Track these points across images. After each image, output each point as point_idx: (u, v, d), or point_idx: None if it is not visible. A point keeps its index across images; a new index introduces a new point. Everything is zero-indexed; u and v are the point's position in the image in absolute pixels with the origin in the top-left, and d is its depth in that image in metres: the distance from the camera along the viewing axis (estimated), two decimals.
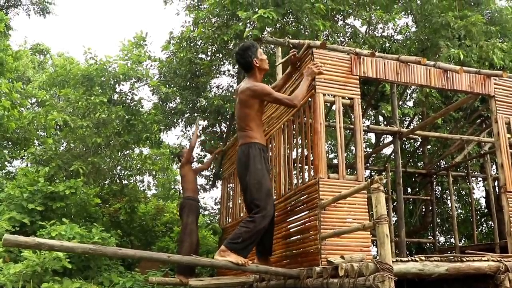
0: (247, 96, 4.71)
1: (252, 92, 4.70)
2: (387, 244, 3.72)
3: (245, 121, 4.72)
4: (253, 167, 4.56)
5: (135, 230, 11.62)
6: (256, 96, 4.74)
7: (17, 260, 7.48)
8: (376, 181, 3.85)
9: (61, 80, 10.87)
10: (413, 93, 12.87)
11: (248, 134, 4.65)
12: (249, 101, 4.71)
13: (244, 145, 4.62)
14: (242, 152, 4.64)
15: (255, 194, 4.55)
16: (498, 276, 4.39)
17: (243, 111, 4.74)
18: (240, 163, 4.65)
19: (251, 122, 4.71)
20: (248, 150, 4.57)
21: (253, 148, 4.58)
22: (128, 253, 4.54)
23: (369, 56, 5.91)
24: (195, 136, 9.17)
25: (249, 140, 4.63)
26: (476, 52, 9.68)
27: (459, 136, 10.28)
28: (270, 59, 10.86)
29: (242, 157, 4.62)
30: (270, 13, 8.65)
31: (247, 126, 4.69)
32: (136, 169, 12.34)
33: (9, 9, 18.25)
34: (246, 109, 4.71)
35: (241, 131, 4.75)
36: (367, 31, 11.86)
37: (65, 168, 9.79)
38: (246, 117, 4.72)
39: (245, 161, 4.59)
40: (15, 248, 7.72)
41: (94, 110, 10.13)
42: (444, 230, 15.79)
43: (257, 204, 4.56)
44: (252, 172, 4.56)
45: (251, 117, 4.75)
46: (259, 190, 4.56)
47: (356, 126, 5.64)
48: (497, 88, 6.46)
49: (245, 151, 4.62)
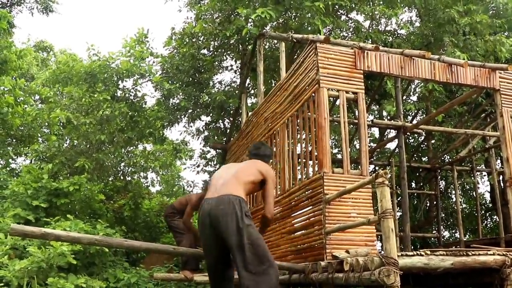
0: (260, 172, 4.23)
1: (267, 173, 4.26)
2: (392, 239, 3.70)
3: (246, 179, 4.11)
4: (250, 223, 3.85)
5: (139, 226, 11.64)
6: (265, 178, 4.26)
7: (22, 257, 7.50)
8: (381, 175, 3.83)
9: (64, 77, 10.88)
10: (417, 87, 12.82)
11: (239, 190, 3.97)
12: (258, 177, 4.22)
13: (234, 196, 3.86)
14: (230, 202, 3.84)
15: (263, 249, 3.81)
16: (504, 270, 4.37)
17: (251, 174, 4.17)
18: (227, 214, 3.78)
19: (247, 186, 4.12)
20: (241, 204, 3.84)
21: (245, 204, 3.94)
22: (134, 245, 4.55)
23: (373, 50, 5.87)
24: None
25: (239, 194, 3.93)
26: (482, 47, 9.62)
27: (464, 130, 10.23)
28: (273, 54, 10.88)
29: (234, 210, 3.80)
30: (268, 12, 8.66)
31: (244, 184, 4.07)
32: (140, 165, 12.36)
33: (13, 7, 18.25)
34: (253, 177, 4.17)
35: (235, 183, 4.01)
36: (370, 26, 11.81)
37: (68, 165, 9.82)
38: (249, 181, 4.13)
39: (240, 215, 3.78)
40: (20, 245, 7.75)
41: (98, 107, 10.14)
42: (448, 224, 15.75)
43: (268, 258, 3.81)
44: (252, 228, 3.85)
45: (253, 186, 4.24)
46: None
47: (360, 120, 5.61)
48: (502, 81, 6.41)
49: (235, 202, 3.84)
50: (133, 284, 7.76)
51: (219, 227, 3.72)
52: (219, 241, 3.80)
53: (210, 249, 3.91)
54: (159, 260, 9.20)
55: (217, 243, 3.83)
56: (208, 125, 12.51)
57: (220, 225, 3.71)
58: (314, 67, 5.63)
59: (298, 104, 6.10)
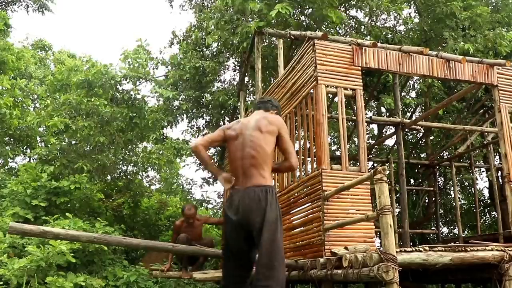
0: (274, 130, 3.73)
1: (278, 127, 3.76)
2: (391, 235, 3.71)
3: (266, 151, 3.66)
4: (276, 218, 3.56)
5: (138, 224, 11.64)
6: (278, 131, 3.76)
7: (21, 255, 7.49)
8: (379, 171, 3.83)
9: (63, 84, 10.89)
10: (416, 83, 12.82)
11: (264, 174, 3.64)
12: (273, 136, 3.73)
13: (260, 187, 3.56)
14: (257, 197, 3.53)
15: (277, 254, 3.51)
16: (502, 265, 4.38)
17: (265, 146, 3.68)
18: (253, 210, 3.51)
19: (269, 159, 3.69)
20: (266, 196, 3.56)
21: (272, 194, 3.60)
22: (132, 242, 4.56)
23: (371, 46, 5.87)
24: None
25: (264, 182, 3.61)
26: (481, 42, 9.61)
27: (462, 126, 10.24)
28: (272, 51, 10.85)
29: (258, 203, 3.52)
30: (287, 8, 8.53)
31: (266, 161, 3.66)
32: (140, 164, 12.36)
33: (8, 6, 18.20)
34: (268, 146, 3.68)
35: (258, 166, 3.63)
36: (369, 22, 11.78)
37: (70, 167, 9.84)
38: (267, 154, 3.67)
39: (264, 207, 3.51)
40: (19, 243, 7.75)
41: (97, 111, 10.18)
42: (447, 221, 15.78)
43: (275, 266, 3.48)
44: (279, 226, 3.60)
45: (273, 149, 3.77)
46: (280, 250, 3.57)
47: (359, 117, 5.62)
48: (500, 77, 6.42)
49: (261, 195, 3.54)
50: (132, 282, 7.76)
51: (249, 221, 3.54)
52: (248, 233, 3.60)
53: (239, 241, 3.64)
54: (159, 258, 9.20)
55: (245, 234, 3.61)
56: (209, 123, 12.49)
57: (250, 218, 3.53)
58: (312, 63, 5.62)
59: (296, 101, 6.10)
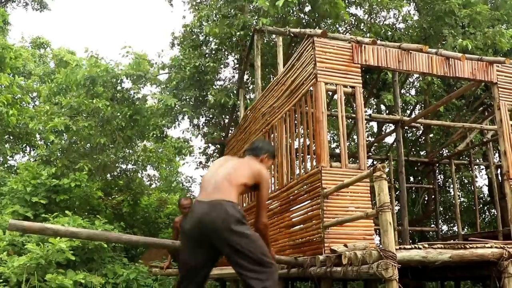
0: (253, 175, 3.86)
1: (261, 177, 3.89)
2: (391, 232, 3.71)
3: (239, 181, 3.75)
4: (245, 229, 3.54)
5: (138, 222, 11.67)
6: (258, 182, 3.89)
7: (20, 253, 7.51)
8: (379, 168, 3.83)
9: (64, 86, 10.91)
10: (415, 81, 12.81)
11: (233, 194, 3.66)
12: (253, 180, 3.86)
13: (227, 202, 3.55)
14: (219, 205, 3.52)
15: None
16: (502, 263, 4.38)
17: (244, 176, 3.80)
18: (216, 218, 3.47)
19: (240, 188, 3.77)
20: (234, 209, 3.54)
21: (237, 209, 3.57)
22: (132, 239, 4.54)
23: (371, 44, 5.86)
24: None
25: (232, 200, 3.61)
26: (481, 39, 9.61)
27: (462, 124, 10.23)
28: (271, 49, 10.84)
29: (220, 211, 3.50)
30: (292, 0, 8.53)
31: (236, 186, 3.73)
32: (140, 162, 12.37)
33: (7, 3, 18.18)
34: (246, 180, 3.80)
35: (227, 186, 3.69)
36: (369, 20, 11.77)
37: (72, 167, 9.87)
38: (242, 183, 3.76)
39: (235, 220, 3.48)
40: (19, 241, 7.75)
41: (98, 111, 10.19)
42: (447, 218, 15.80)
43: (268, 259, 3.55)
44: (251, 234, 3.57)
45: (245, 189, 3.89)
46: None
47: (358, 114, 5.61)
48: (500, 74, 6.41)
49: (226, 205, 3.52)
50: (132, 279, 7.78)
51: (212, 234, 3.54)
52: (208, 247, 3.63)
53: (196, 253, 3.70)
54: (158, 256, 9.21)
55: (205, 248, 3.64)
56: (209, 121, 12.49)
57: (213, 232, 3.53)
58: (312, 61, 5.61)
59: (295, 99, 6.10)
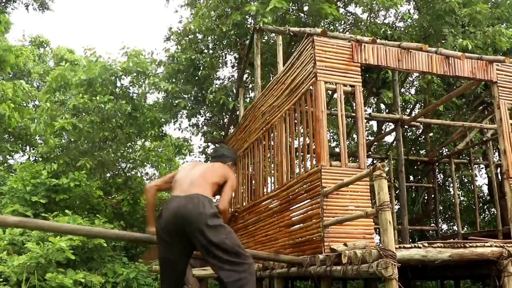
0: (223, 175, 4.02)
1: (229, 176, 4.06)
2: (390, 231, 3.70)
3: (212, 180, 3.91)
4: (220, 223, 3.65)
5: (138, 221, 11.66)
6: (227, 180, 4.03)
7: (20, 252, 7.51)
8: (379, 167, 3.83)
9: (63, 84, 10.91)
10: (415, 80, 12.81)
11: (209, 191, 3.82)
12: (222, 179, 4.01)
13: (203, 196, 3.68)
14: (197, 200, 3.65)
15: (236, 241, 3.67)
16: (501, 262, 4.38)
17: (216, 176, 3.98)
18: (192, 212, 3.57)
19: (214, 187, 3.92)
20: (210, 204, 3.68)
21: (211, 205, 3.72)
22: (130, 236, 4.54)
23: (370, 43, 5.86)
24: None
25: (208, 195, 3.76)
26: (481, 38, 9.60)
27: (461, 123, 10.23)
28: (271, 48, 10.84)
29: (197, 205, 3.61)
30: (282, 2, 8.56)
31: (211, 184, 3.88)
32: (139, 161, 12.37)
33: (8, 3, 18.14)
34: (218, 179, 3.95)
35: (202, 183, 3.85)
36: (368, 19, 11.76)
37: (72, 165, 9.88)
38: (215, 182, 3.93)
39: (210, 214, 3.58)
40: (19, 240, 7.75)
41: (99, 109, 10.21)
42: (446, 217, 15.81)
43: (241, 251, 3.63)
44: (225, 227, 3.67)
45: (217, 188, 4.00)
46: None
47: (358, 113, 5.61)
48: (500, 73, 6.41)
49: (202, 199, 3.66)
50: (132, 278, 7.78)
51: (187, 227, 3.54)
52: (183, 240, 3.65)
53: (171, 246, 3.72)
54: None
55: (180, 241, 3.67)
56: (208, 120, 12.49)
57: (189, 225, 3.53)
58: (311, 60, 5.61)
59: (295, 98, 6.10)
